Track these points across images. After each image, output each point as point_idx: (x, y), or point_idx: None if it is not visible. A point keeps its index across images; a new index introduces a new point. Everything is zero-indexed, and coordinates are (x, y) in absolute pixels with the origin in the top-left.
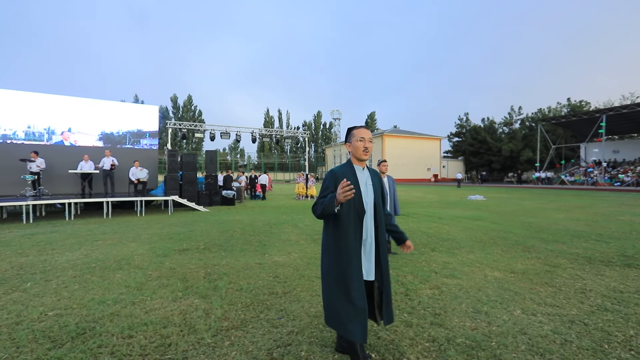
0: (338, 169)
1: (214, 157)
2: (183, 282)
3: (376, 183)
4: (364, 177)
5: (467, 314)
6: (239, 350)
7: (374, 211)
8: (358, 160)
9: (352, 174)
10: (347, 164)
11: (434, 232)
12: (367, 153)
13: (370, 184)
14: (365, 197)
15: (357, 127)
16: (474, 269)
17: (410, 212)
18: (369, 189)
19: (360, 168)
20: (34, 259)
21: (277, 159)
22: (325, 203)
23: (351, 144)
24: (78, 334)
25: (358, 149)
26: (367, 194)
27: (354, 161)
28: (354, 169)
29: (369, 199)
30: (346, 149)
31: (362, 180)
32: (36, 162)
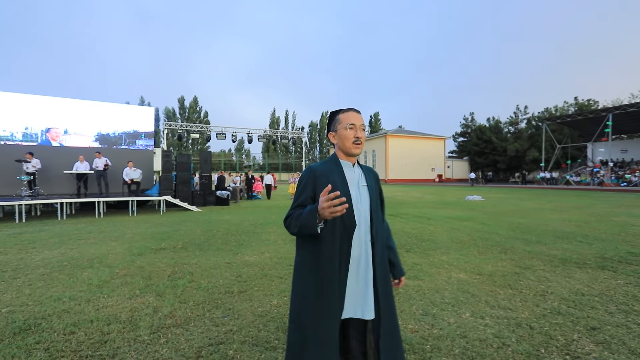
0: (319, 166)
1: (208, 157)
2: (146, 280)
3: (373, 183)
4: (355, 176)
5: (414, 316)
6: (171, 348)
7: (371, 221)
8: (346, 154)
9: (339, 172)
10: (330, 159)
11: (417, 232)
12: (360, 145)
13: (364, 184)
14: (358, 203)
15: (343, 110)
16: (441, 270)
17: (401, 212)
18: (362, 192)
19: (349, 164)
20: (12, 257)
21: (281, 159)
22: (303, 218)
23: (337, 133)
24: (22, 330)
25: (347, 140)
26: (359, 200)
27: (340, 156)
28: (340, 167)
29: (364, 206)
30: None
31: (352, 181)
32: (32, 163)
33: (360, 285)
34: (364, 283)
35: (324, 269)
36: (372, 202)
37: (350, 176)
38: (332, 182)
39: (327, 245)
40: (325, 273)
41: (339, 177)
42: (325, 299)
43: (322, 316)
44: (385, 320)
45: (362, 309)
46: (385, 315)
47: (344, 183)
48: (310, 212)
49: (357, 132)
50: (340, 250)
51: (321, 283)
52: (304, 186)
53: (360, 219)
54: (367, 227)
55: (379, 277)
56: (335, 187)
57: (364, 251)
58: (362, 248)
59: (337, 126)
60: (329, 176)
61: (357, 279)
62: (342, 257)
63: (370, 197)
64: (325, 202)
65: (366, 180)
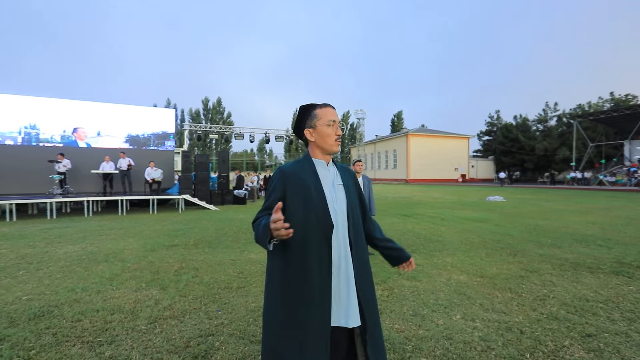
0: (289, 166)
1: (226, 157)
2: (153, 274)
3: (349, 182)
4: (330, 175)
5: (403, 317)
6: (163, 337)
7: (349, 222)
8: (325, 152)
9: (311, 171)
10: (304, 158)
11: (427, 233)
12: (339, 144)
13: (339, 183)
14: (334, 203)
15: (319, 105)
16: (442, 271)
17: (416, 213)
18: (338, 191)
19: (323, 163)
20: (39, 250)
21: None
22: (258, 233)
23: (315, 130)
24: (36, 316)
25: (329, 137)
26: (335, 200)
27: (315, 154)
28: (313, 165)
29: (340, 206)
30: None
31: (326, 180)
32: (62, 163)
33: (342, 291)
34: (346, 288)
35: (304, 273)
36: (349, 202)
37: (324, 175)
38: (303, 181)
39: (303, 248)
40: (301, 277)
41: (312, 176)
42: (306, 304)
43: (308, 320)
44: (370, 326)
45: (347, 317)
46: (370, 320)
47: (317, 182)
48: (263, 228)
49: (337, 129)
50: (319, 254)
51: (299, 288)
52: (274, 188)
53: (338, 220)
54: (344, 229)
55: (361, 281)
56: (308, 187)
57: (343, 254)
58: (341, 251)
59: (315, 122)
60: (300, 176)
61: (339, 284)
62: (322, 261)
63: (347, 197)
64: (273, 222)
65: (342, 179)
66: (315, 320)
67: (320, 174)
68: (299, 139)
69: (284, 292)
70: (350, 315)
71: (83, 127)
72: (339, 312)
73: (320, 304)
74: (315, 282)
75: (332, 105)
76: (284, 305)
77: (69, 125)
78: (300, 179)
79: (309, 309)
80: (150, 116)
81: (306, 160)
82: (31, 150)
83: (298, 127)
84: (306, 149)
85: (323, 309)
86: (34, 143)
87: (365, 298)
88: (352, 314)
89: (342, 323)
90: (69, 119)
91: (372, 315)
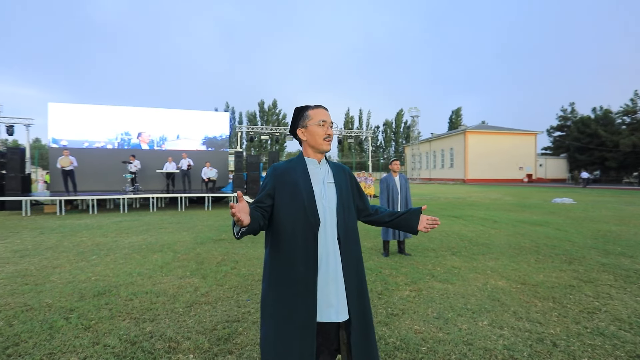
0: (282, 164)
1: (276, 157)
2: (198, 265)
3: (343, 180)
4: (321, 173)
5: (426, 319)
6: (196, 320)
7: (338, 219)
8: (316, 151)
9: (302, 169)
10: (297, 156)
11: (473, 236)
12: (330, 143)
13: (330, 181)
14: (322, 200)
15: (311, 106)
16: (479, 276)
17: (466, 214)
18: (328, 189)
19: (314, 162)
20: (109, 239)
21: (354, 158)
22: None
23: (306, 130)
24: (99, 294)
25: (318, 136)
26: (324, 197)
27: (307, 153)
28: (304, 164)
29: (329, 204)
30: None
31: (316, 178)
32: (133, 164)
33: (330, 286)
34: (334, 283)
35: (291, 267)
36: (339, 199)
37: (315, 173)
38: (293, 179)
39: (291, 242)
40: (289, 271)
41: (302, 174)
42: (294, 298)
43: (295, 314)
44: (356, 320)
45: (336, 311)
46: (357, 315)
47: (306, 180)
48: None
49: (327, 129)
50: (305, 248)
51: (288, 281)
52: (265, 184)
53: (326, 216)
54: (333, 225)
55: (349, 276)
56: (297, 184)
57: (331, 249)
58: (329, 246)
59: (307, 122)
60: (291, 173)
61: (327, 278)
62: (308, 255)
63: (338, 194)
64: (230, 209)
65: (334, 178)
66: (301, 313)
67: (311, 172)
68: (294, 138)
69: (274, 284)
70: (339, 310)
71: (145, 132)
72: (327, 308)
73: (306, 298)
74: (302, 276)
75: (324, 106)
76: (274, 297)
77: (152, 130)
78: (290, 176)
79: (296, 302)
80: (209, 120)
81: (299, 159)
82: (108, 153)
83: (292, 127)
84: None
85: (309, 303)
86: (126, 147)
87: (353, 293)
88: (340, 309)
89: (332, 318)
90: (151, 124)
91: (359, 309)
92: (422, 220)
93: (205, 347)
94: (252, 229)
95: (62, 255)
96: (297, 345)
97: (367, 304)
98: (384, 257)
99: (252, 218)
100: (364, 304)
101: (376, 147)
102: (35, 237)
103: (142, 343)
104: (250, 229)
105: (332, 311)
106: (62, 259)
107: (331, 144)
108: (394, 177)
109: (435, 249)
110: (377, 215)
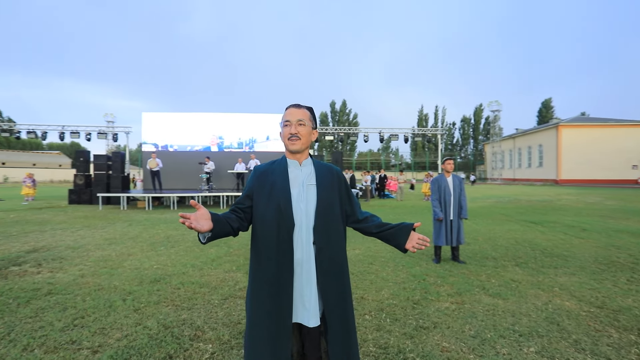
0: (263, 166)
1: (339, 157)
2: (245, 260)
3: (325, 183)
4: (301, 175)
5: (460, 336)
6: (226, 312)
7: (317, 224)
8: (288, 151)
9: (281, 171)
10: (281, 158)
11: (549, 245)
12: (296, 142)
13: (311, 183)
14: (300, 203)
15: (287, 107)
16: (542, 293)
17: (548, 220)
18: (307, 191)
19: (295, 163)
20: (179, 233)
21: (428, 157)
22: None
23: (281, 131)
24: (155, 280)
25: (284, 137)
26: (301, 199)
27: (287, 154)
28: (285, 165)
29: (307, 206)
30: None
31: (296, 180)
32: (208, 165)
33: (304, 290)
34: (307, 288)
35: (265, 268)
36: (319, 202)
37: (295, 175)
38: (271, 180)
39: (267, 244)
40: (266, 273)
41: (280, 175)
42: (270, 300)
43: (271, 316)
44: (335, 329)
45: (307, 315)
46: (336, 323)
47: (284, 181)
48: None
49: (291, 129)
50: (279, 251)
51: (265, 282)
52: (246, 186)
53: (302, 219)
54: (309, 229)
55: (326, 281)
56: (274, 186)
57: (306, 254)
58: (304, 250)
59: (281, 124)
60: (270, 175)
61: (301, 283)
62: (283, 259)
63: (318, 197)
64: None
65: (316, 179)
66: (275, 314)
67: (291, 174)
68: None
69: (253, 284)
70: (310, 315)
71: (215, 135)
72: (302, 311)
73: (282, 300)
74: (277, 277)
75: (296, 105)
76: (253, 296)
77: (243, 134)
78: (269, 178)
79: (271, 303)
80: (269, 122)
81: (281, 160)
82: (187, 155)
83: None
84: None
85: (283, 305)
86: (220, 149)
87: (331, 300)
88: (312, 314)
89: (305, 322)
90: (244, 128)
91: (339, 318)
92: (412, 237)
93: (225, 339)
94: (220, 232)
95: (138, 245)
96: (272, 346)
97: (348, 313)
98: (434, 263)
99: (220, 222)
100: (346, 312)
101: (452, 145)
102: (124, 228)
103: (174, 329)
104: (218, 232)
105: (305, 315)
106: (137, 248)
107: (302, 144)
108: (447, 178)
109: (496, 258)
110: (366, 223)
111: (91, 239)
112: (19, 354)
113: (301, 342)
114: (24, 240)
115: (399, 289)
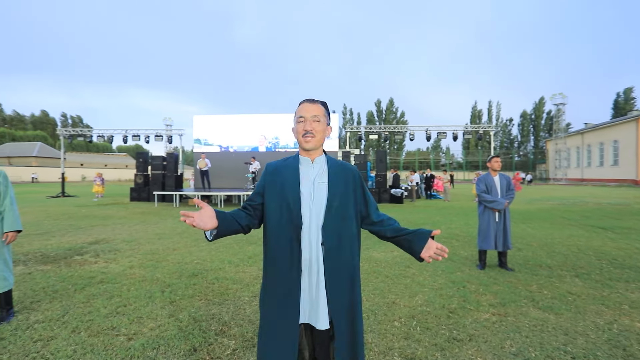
0: (275, 163)
1: (383, 157)
2: None
3: (338, 181)
4: (312, 173)
5: (497, 351)
6: (252, 310)
7: (326, 223)
8: (301, 149)
9: (292, 169)
10: (294, 155)
11: (620, 254)
12: (310, 139)
13: (322, 182)
14: (309, 202)
15: (300, 102)
16: (606, 309)
17: (620, 226)
18: (318, 189)
19: (307, 160)
20: None
21: (480, 156)
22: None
23: (294, 128)
24: (193, 275)
25: (298, 134)
26: (312, 198)
27: (300, 151)
28: (297, 162)
29: (317, 206)
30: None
31: (307, 178)
32: (253, 165)
33: (312, 292)
34: (315, 289)
35: (274, 267)
36: (329, 201)
37: (306, 172)
38: (282, 178)
39: (276, 242)
40: (275, 272)
41: (291, 173)
42: (279, 299)
43: (279, 315)
44: (340, 332)
45: (316, 318)
46: (343, 329)
47: (294, 179)
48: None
49: (306, 125)
50: (288, 251)
51: (274, 282)
52: (258, 182)
53: (311, 218)
54: (318, 228)
55: (332, 283)
56: (285, 183)
57: (314, 254)
58: (312, 250)
59: (294, 120)
60: (281, 172)
61: (310, 283)
62: (292, 258)
63: (330, 196)
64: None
65: (328, 178)
66: (285, 315)
67: (302, 172)
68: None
69: (265, 283)
70: (319, 317)
71: (262, 136)
72: (309, 313)
73: (290, 301)
74: (286, 278)
75: (310, 100)
76: (264, 296)
77: (283, 134)
78: (280, 175)
79: (279, 303)
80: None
81: (294, 158)
82: (234, 155)
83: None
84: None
85: (291, 306)
86: (273, 150)
87: (335, 302)
88: (321, 317)
89: (313, 323)
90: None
91: (347, 324)
92: (429, 246)
93: (248, 336)
94: (227, 230)
95: (183, 240)
96: (279, 344)
97: (357, 319)
98: (478, 269)
99: (226, 220)
100: (354, 318)
101: (510, 142)
102: (173, 224)
103: (202, 322)
104: (226, 230)
105: (313, 317)
106: (182, 243)
107: (317, 141)
108: (494, 177)
109: (551, 267)
110: (381, 226)
111: (144, 233)
112: (68, 335)
113: (313, 346)
114: (89, 233)
115: (435, 296)
